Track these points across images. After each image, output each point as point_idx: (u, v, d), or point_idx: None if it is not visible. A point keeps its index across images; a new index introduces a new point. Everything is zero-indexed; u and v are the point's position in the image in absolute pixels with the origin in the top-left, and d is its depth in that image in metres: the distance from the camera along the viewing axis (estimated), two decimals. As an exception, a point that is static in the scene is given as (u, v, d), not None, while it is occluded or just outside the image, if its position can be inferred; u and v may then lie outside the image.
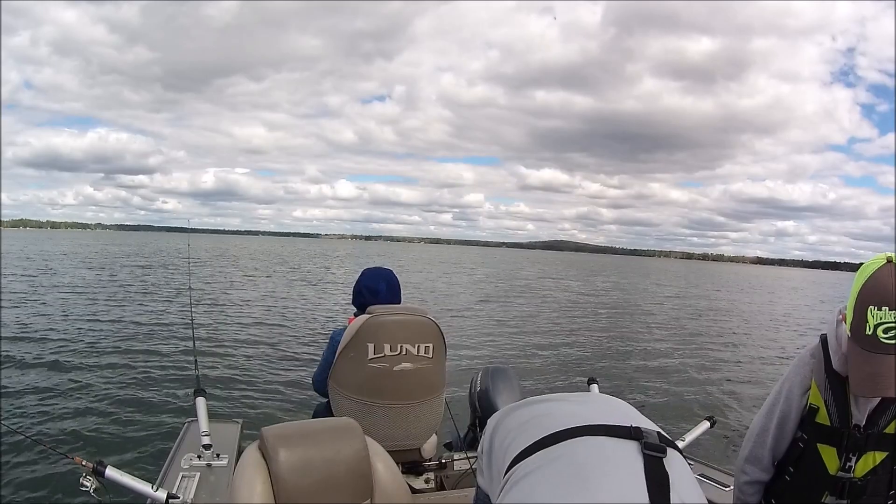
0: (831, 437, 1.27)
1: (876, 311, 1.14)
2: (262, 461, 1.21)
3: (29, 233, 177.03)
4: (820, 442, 1.29)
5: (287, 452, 1.21)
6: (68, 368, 7.05)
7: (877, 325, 1.13)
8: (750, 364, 10.49)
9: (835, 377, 1.27)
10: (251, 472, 1.19)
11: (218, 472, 2.01)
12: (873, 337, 1.14)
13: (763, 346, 13.03)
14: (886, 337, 1.12)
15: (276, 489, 1.18)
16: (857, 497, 1.26)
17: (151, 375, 6.90)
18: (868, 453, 1.24)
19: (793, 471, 1.35)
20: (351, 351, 2.19)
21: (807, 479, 1.31)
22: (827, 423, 1.28)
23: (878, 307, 1.13)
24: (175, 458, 2.11)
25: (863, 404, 1.25)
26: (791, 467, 1.35)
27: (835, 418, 1.27)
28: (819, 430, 1.29)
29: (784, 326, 17.53)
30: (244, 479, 1.18)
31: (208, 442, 2.12)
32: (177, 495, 1.79)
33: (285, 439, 1.24)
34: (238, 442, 2.32)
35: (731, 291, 32.13)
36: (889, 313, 1.12)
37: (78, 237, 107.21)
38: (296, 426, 1.36)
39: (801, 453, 1.32)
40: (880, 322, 1.13)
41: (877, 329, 1.13)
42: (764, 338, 14.40)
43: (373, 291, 2.36)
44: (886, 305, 1.13)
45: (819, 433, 1.29)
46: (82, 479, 1.67)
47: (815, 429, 1.29)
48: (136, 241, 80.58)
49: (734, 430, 6.29)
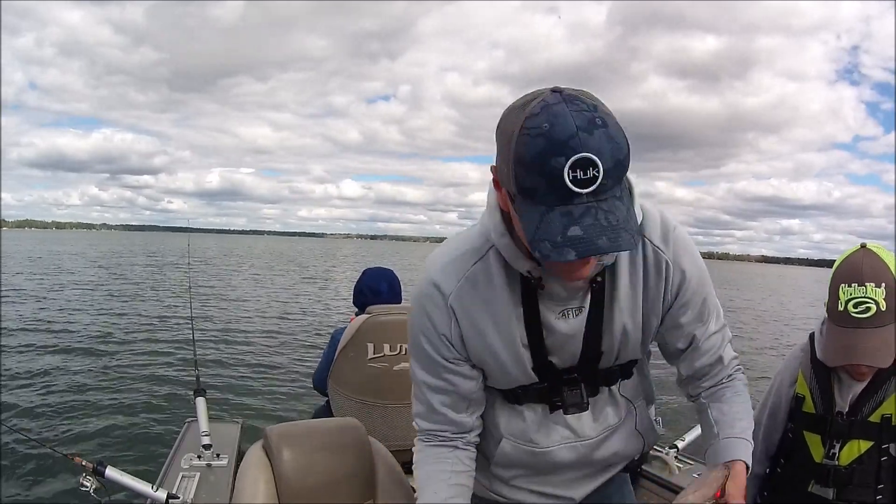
0: (816, 424, 1.33)
1: (846, 288, 1.23)
2: (265, 460, 1.21)
3: (34, 233, 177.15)
4: (806, 430, 1.34)
5: (291, 452, 1.21)
6: (68, 368, 7.05)
7: (847, 301, 1.23)
8: (751, 363, 10.50)
9: (820, 366, 1.33)
10: (255, 471, 1.19)
11: (218, 472, 2.02)
12: (844, 312, 1.22)
13: (764, 344, 13.04)
14: (856, 311, 1.21)
15: (279, 489, 1.18)
16: (842, 485, 1.29)
17: (151, 375, 6.90)
18: (853, 441, 1.27)
19: (783, 462, 1.41)
20: (351, 350, 2.19)
21: (794, 469, 1.37)
22: (812, 412, 1.34)
23: (849, 284, 1.23)
24: (175, 458, 2.11)
25: (846, 392, 1.30)
26: (782, 459, 1.41)
27: (819, 406, 1.33)
28: (805, 418, 1.35)
29: (785, 325, 17.54)
30: (248, 479, 1.19)
31: (208, 442, 2.12)
32: (177, 495, 1.79)
33: (289, 439, 1.24)
34: (238, 442, 2.32)
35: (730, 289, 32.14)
36: (858, 289, 1.22)
37: (83, 238, 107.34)
38: (300, 426, 1.37)
39: (791, 443, 1.38)
40: (850, 297, 1.22)
41: (847, 304, 1.22)
42: (764, 337, 14.40)
43: (374, 291, 2.36)
44: (856, 282, 1.22)
45: (805, 421, 1.35)
46: (82, 479, 1.68)
47: (802, 417, 1.35)
48: (141, 241, 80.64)
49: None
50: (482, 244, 0.98)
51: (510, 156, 0.79)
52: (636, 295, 0.99)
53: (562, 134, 0.74)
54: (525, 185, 0.78)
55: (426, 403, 1.05)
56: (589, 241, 0.75)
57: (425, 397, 1.05)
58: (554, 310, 0.98)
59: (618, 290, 0.98)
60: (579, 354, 1.01)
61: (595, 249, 0.75)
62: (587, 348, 1.01)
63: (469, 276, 0.98)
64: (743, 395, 1.08)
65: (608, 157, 0.75)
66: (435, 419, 1.05)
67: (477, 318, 0.99)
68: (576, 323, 0.99)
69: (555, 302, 0.97)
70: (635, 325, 1.01)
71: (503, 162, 0.82)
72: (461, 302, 0.98)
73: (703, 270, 1.03)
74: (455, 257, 1.00)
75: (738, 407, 1.06)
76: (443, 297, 0.98)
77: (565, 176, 0.74)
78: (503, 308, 0.98)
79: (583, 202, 0.75)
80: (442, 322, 0.99)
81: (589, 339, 1.00)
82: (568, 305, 0.98)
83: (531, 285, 0.96)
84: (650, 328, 1.03)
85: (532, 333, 0.99)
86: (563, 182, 0.74)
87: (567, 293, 0.96)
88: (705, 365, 1.08)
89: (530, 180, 0.77)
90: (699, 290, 1.02)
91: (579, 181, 0.74)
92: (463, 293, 0.98)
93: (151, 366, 7.37)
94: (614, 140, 0.76)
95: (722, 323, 1.09)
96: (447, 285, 0.98)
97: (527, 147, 0.76)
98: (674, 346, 1.07)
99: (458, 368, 1.02)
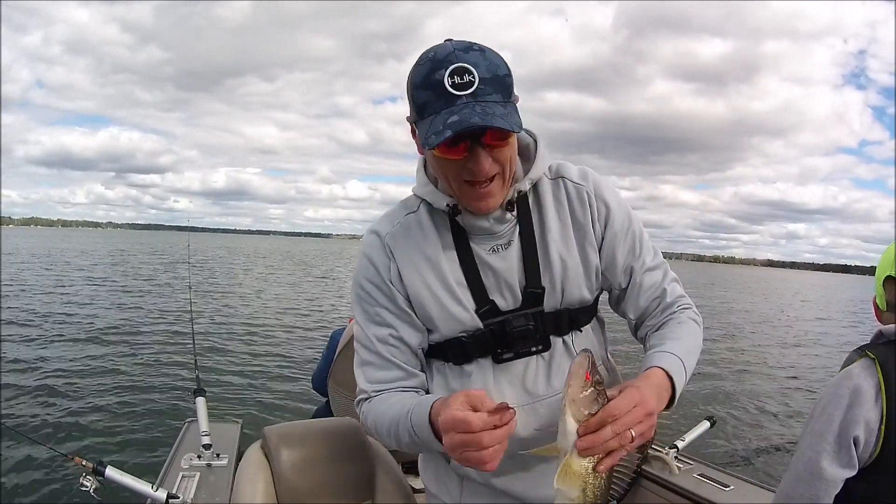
0: None
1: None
2: (264, 460, 1.21)
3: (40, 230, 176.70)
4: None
5: (289, 452, 1.21)
6: (68, 368, 7.05)
7: None
8: (750, 364, 10.49)
9: None
10: (254, 471, 1.19)
11: (218, 472, 2.01)
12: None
13: (764, 345, 13.04)
14: None
15: (278, 488, 1.18)
16: None
17: (151, 375, 6.90)
18: None
19: None
20: (350, 350, 2.19)
21: None
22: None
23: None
24: (175, 458, 2.11)
25: None
26: None
27: None
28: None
29: (785, 326, 17.53)
30: (247, 478, 1.19)
31: (208, 442, 2.12)
32: (177, 495, 1.79)
33: (288, 439, 1.24)
34: (238, 442, 2.32)
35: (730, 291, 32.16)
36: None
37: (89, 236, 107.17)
38: (298, 426, 1.37)
39: None
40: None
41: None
42: (765, 337, 14.40)
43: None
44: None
45: None
46: (82, 479, 1.67)
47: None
48: (146, 240, 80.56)
49: (734, 431, 6.30)
50: (413, 202, 1.08)
51: (409, 91, 0.93)
52: (565, 226, 1.04)
53: (442, 54, 0.88)
54: (419, 102, 0.91)
55: (376, 353, 1.05)
56: (462, 120, 0.85)
57: (375, 348, 1.05)
58: (483, 246, 1.02)
59: (546, 223, 1.03)
60: (521, 292, 1.02)
61: (468, 125, 0.84)
62: (527, 281, 1.02)
63: (402, 222, 1.06)
64: (686, 324, 1.05)
65: (483, 68, 0.87)
66: (387, 367, 1.05)
67: (413, 258, 1.03)
68: (511, 258, 1.02)
69: (483, 238, 1.02)
70: (572, 256, 1.03)
71: (408, 99, 0.94)
72: (396, 242, 1.04)
73: (628, 207, 1.08)
74: (390, 212, 1.10)
75: (676, 330, 1.03)
76: (380, 239, 1.05)
77: (445, 82, 0.86)
78: (436, 250, 1.03)
79: (462, 102, 0.86)
80: (382, 264, 1.04)
81: (527, 270, 1.02)
82: (497, 241, 1.02)
83: (459, 226, 1.02)
84: (589, 262, 1.05)
85: (468, 271, 1.02)
86: (444, 88, 0.87)
87: (490, 224, 1.00)
88: (649, 302, 1.09)
89: (422, 96, 0.90)
90: (627, 223, 1.07)
91: (457, 85, 0.86)
92: (397, 235, 1.05)
93: (151, 365, 7.38)
94: (490, 59, 0.89)
95: (661, 260, 1.11)
96: (383, 228, 1.06)
97: (417, 71, 0.91)
98: (617, 286, 1.09)
99: (404, 316, 1.04)
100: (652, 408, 0.82)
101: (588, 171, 1.08)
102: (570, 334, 1.06)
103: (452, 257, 1.02)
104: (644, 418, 0.80)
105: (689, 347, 1.00)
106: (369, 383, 1.06)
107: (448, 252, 1.02)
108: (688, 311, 1.08)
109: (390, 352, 1.04)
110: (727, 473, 2.11)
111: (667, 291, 1.08)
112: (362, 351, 1.08)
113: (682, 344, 1.00)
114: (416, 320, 1.04)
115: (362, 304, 1.06)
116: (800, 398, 7.99)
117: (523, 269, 1.02)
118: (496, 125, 0.84)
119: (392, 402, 1.01)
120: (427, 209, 1.05)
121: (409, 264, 1.03)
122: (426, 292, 1.02)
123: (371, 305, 1.05)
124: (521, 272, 1.02)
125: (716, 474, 2.09)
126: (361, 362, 1.08)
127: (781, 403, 7.78)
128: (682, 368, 0.95)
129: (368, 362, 1.07)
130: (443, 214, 1.03)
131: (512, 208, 1.01)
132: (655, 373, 0.92)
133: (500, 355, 1.02)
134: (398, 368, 1.05)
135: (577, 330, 1.07)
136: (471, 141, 0.89)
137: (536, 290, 1.02)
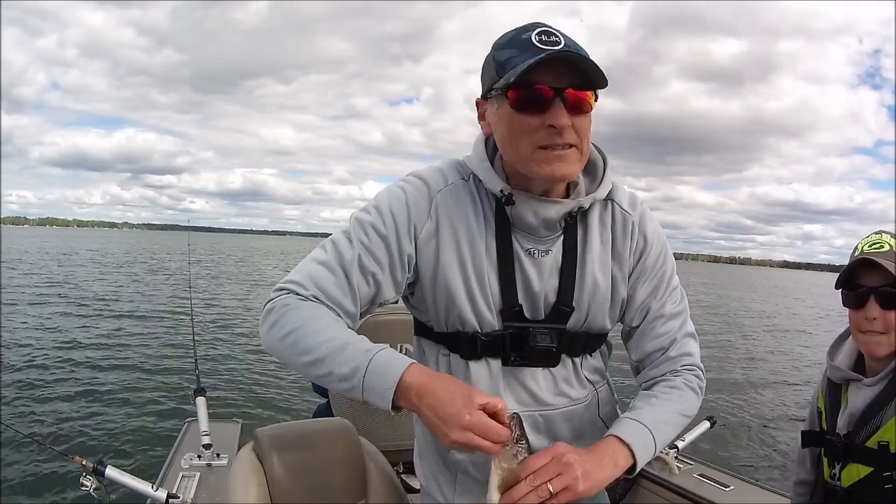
0: (821, 442, 1.29)
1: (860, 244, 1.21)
2: (256, 463, 1.21)
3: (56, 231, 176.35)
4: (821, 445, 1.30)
5: (281, 454, 1.21)
6: (68, 368, 7.05)
7: (861, 248, 1.20)
8: (751, 363, 10.49)
9: (831, 383, 1.30)
10: (246, 474, 1.19)
11: (218, 472, 2.02)
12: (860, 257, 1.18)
13: (765, 345, 13.03)
14: (870, 249, 1.18)
15: (271, 491, 1.18)
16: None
17: (151, 375, 6.91)
18: (852, 465, 1.20)
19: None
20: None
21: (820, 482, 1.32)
22: (824, 428, 1.30)
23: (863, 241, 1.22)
24: (175, 458, 2.11)
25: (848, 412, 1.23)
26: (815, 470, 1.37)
27: (828, 423, 1.28)
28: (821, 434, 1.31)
29: (785, 326, 17.52)
30: (239, 482, 1.18)
31: (208, 442, 2.12)
32: (177, 495, 1.79)
33: (279, 440, 1.24)
34: (238, 442, 2.32)
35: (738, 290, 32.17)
36: (872, 237, 1.21)
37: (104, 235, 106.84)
38: (290, 427, 1.36)
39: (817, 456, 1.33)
40: (865, 243, 1.20)
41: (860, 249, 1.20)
42: (765, 337, 14.39)
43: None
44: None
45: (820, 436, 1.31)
46: (82, 478, 1.68)
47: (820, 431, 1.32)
48: (162, 241, 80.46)
49: (734, 431, 6.29)
50: (466, 170, 1.00)
51: (490, 60, 0.92)
52: (606, 250, 1.01)
53: (528, 26, 0.89)
54: (501, 60, 0.89)
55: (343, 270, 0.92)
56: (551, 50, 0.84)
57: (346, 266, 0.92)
58: (524, 244, 0.97)
59: (590, 242, 1.00)
60: (551, 306, 0.98)
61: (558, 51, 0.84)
62: (559, 296, 0.98)
63: (454, 185, 0.98)
64: (676, 391, 1.01)
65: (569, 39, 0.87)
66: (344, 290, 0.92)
67: (457, 231, 0.95)
68: (545, 267, 0.97)
69: (525, 237, 0.97)
70: (605, 281, 1.00)
71: (485, 73, 0.93)
72: (445, 204, 0.96)
73: (667, 247, 1.05)
74: (442, 167, 1.01)
75: (660, 400, 0.99)
76: (428, 191, 0.96)
77: (533, 38, 0.86)
78: (481, 232, 0.96)
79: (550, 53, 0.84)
80: (419, 216, 0.95)
81: (562, 284, 0.98)
82: (538, 245, 0.97)
83: (505, 214, 0.96)
84: (618, 292, 1.02)
85: (504, 266, 0.96)
86: (531, 43, 0.86)
87: (538, 225, 0.96)
88: (654, 350, 1.04)
89: (506, 53, 0.88)
90: (659, 263, 1.04)
91: (545, 42, 0.85)
92: (448, 197, 0.97)
93: (152, 365, 7.37)
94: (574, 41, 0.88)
95: (682, 309, 1.06)
96: (435, 183, 0.97)
97: (501, 40, 0.91)
98: (629, 322, 1.06)
99: (397, 272, 0.95)
100: (570, 461, 0.83)
101: (637, 200, 1.05)
102: (581, 357, 1.04)
103: (492, 246, 0.96)
104: (563, 470, 0.81)
105: (665, 417, 0.98)
106: (315, 287, 0.91)
107: (489, 239, 0.96)
108: (687, 374, 1.03)
109: (358, 282, 0.92)
110: (727, 473, 2.11)
111: (675, 344, 1.04)
112: (330, 257, 0.93)
113: (658, 413, 0.97)
114: (401, 282, 0.97)
115: (366, 226, 0.94)
116: (800, 398, 7.99)
117: (558, 282, 0.98)
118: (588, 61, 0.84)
119: (339, 323, 0.90)
120: (477, 183, 0.98)
121: (449, 235, 0.95)
122: (458, 273, 0.95)
123: (376, 235, 0.94)
124: (554, 285, 0.98)
125: (716, 474, 2.09)
126: (319, 261, 0.94)
127: (782, 404, 7.78)
128: (648, 437, 0.93)
129: (328, 270, 0.92)
130: (491, 198, 0.97)
131: (571, 220, 0.97)
132: (609, 441, 0.92)
133: (510, 360, 0.99)
134: (351, 302, 0.92)
135: (588, 354, 1.06)
136: (554, 93, 0.85)
137: (567, 307, 0.98)
